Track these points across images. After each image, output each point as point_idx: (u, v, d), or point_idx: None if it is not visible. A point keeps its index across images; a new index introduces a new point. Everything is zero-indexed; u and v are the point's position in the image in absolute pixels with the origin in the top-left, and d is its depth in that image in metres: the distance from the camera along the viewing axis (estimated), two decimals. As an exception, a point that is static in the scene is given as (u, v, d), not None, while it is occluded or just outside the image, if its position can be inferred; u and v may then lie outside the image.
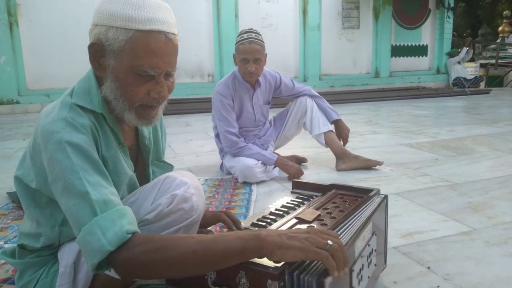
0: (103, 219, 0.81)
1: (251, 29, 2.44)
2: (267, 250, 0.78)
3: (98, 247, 0.79)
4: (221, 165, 2.68)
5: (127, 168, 1.01)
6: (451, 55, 10.08)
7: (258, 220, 1.15)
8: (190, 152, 3.35)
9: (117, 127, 0.99)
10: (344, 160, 2.62)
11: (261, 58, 2.39)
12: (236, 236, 0.79)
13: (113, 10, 0.87)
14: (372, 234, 1.07)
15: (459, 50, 10.05)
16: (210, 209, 1.95)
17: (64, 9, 7.12)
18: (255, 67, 2.39)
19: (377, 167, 2.65)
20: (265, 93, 2.63)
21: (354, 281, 0.90)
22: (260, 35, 2.42)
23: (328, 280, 0.78)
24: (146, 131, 1.11)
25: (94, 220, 0.80)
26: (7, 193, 2.25)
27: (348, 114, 5.66)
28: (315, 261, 0.83)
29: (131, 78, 0.89)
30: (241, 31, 2.45)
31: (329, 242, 0.79)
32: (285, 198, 1.34)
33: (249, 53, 2.36)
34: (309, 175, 2.57)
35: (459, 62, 9.76)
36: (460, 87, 9.40)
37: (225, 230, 1.18)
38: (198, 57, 8.13)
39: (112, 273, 0.91)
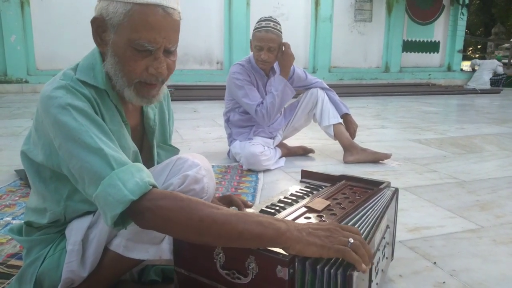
0: (122, 172, 0.81)
1: (271, 17, 2.42)
2: (284, 244, 0.77)
3: (121, 198, 0.78)
4: (229, 152, 2.68)
5: (131, 145, 1.01)
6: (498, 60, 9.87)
7: (267, 207, 1.14)
8: (197, 138, 3.35)
9: (120, 105, 0.99)
10: (352, 153, 2.60)
11: (276, 47, 2.37)
12: (257, 220, 0.78)
13: None
14: (387, 227, 1.06)
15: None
16: (216, 195, 1.95)
17: (76, -11, 7.10)
18: (268, 55, 2.38)
19: (385, 161, 2.63)
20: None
21: (373, 275, 0.90)
22: (279, 24, 2.40)
23: (356, 274, 0.76)
24: (151, 112, 1.10)
25: (114, 173, 0.80)
26: (15, 170, 2.27)
27: (356, 107, 5.62)
28: None
29: (129, 53, 0.88)
30: (260, 18, 2.43)
31: (351, 240, 0.78)
32: (294, 186, 1.34)
33: (264, 41, 2.35)
34: (316, 167, 2.56)
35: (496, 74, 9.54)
36: (497, 85, 9.30)
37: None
38: (207, 44, 8.09)
39: (120, 249, 0.91)
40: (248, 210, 1.12)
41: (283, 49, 2.40)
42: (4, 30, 6.75)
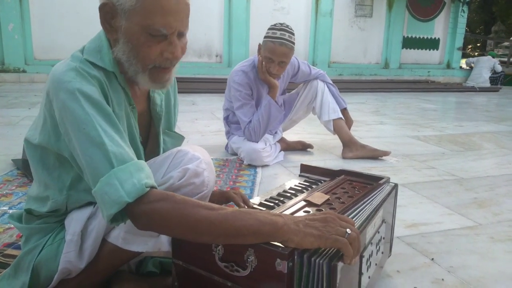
0: (121, 171, 0.80)
1: (287, 26, 2.27)
2: (282, 237, 0.77)
3: (116, 198, 0.78)
4: (226, 146, 2.67)
5: (135, 130, 1.00)
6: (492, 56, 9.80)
7: (266, 200, 1.14)
8: (195, 131, 3.34)
9: (128, 88, 0.97)
10: (351, 149, 2.60)
11: (287, 61, 2.28)
12: (254, 216, 0.78)
13: None
14: (382, 222, 1.06)
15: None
16: (214, 188, 1.95)
17: (75, -21, 7.03)
18: (277, 69, 2.28)
19: (384, 157, 2.63)
20: (282, 83, 2.58)
21: (363, 267, 0.90)
22: (293, 34, 2.26)
23: (340, 265, 0.77)
24: (158, 98, 1.09)
25: (112, 172, 0.80)
26: (12, 160, 2.25)
27: (355, 103, 5.62)
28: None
29: (143, 39, 0.87)
30: (275, 25, 2.28)
31: (348, 230, 0.78)
32: (293, 180, 1.33)
33: (276, 55, 2.23)
34: (315, 162, 2.56)
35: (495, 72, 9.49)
36: (495, 83, 9.28)
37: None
38: (207, 37, 8.05)
39: (119, 241, 0.91)
40: (254, 201, 1.12)
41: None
42: (1, 18, 6.70)
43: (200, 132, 3.31)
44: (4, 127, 3.25)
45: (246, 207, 1.13)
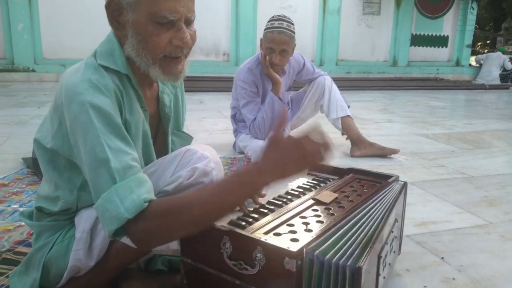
0: (122, 187, 0.81)
1: (285, 16, 2.29)
2: (263, 182, 0.83)
3: (116, 215, 0.79)
4: (234, 144, 2.67)
5: (147, 132, 1.00)
6: (503, 52, 9.66)
7: (273, 199, 1.13)
8: (203, 130, 3.35)
9: (140, 90, 0.98)
10: (360, 147, 2.59)
11: (288, 50, 2.27)
12: (237, 182, 0.84)
13: None
14: (395, 221, 1.05)
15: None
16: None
17: (83, -21, 7.08)
18: (279, 58, 2.27)
19: (392, 155, 2.61)
20: (288, 79, 2.56)
21: (380, 268, 0.89)
22: (292, 24, 2.27)
23: (364, 267, 0.76)
24: (167, 98, 1.09)
25: (113, 188, 0.80)
26: (22, 158, 2.28)
27: (363, 101, 5.59)
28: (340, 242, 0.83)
29: (151, 28, 0.87)
30: (273, 17, 2.30)
31: (322, 151, 0.84)
32: (301, 179, 1.33)
33: (276, 43, 2.23)
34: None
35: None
36: (505, 80, 9.17)
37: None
38: (214, 36, 8.05)
39: (128, 240, 0.91)
40: (261, 200, 1.12)
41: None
42: (11, 18, 6.76)
43: (207, 131, 3.32)
44: (14, 126, 3.28)
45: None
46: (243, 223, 0.93)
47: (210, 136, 3.14)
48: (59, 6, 7.04)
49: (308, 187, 1.24)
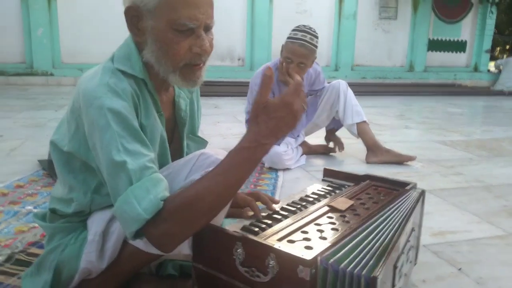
0: (138, 188, 0.81)
1: (310, 29, 2.27)
2: (265, 151, 0.85)
3: (135, 216, 0.80)
4: (248, 149, 2.66)
5: (163, 136, 1.00)
6: None
7: (287, 205, 1.12)
8: (217, 134, 3.35)
9: (157, 95, 0.98)
10: (376, 153, 2.55)
11: (307, 63, 2.26)
12: (239, 159, 0.85)
13: None
14: (412, 230, 1.02)
15: None
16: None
17: (102, -15, 7.19)
18: (296, 70, 2.25)
19: (409, 162, 2.57)
20: (305, 87, 2.55)
21: (396, 279, 0.87)
22: (316, 37, 2.26)
23: (380, 278, 0.74)
24: (183, 103, 1.09)
25: (130, 189, 0.81)
26: (38, 160, 2.30)
27: (379, 107, 5.52)
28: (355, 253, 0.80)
29: (171, 35, 0.87)
30: (298, 27, 2.28)
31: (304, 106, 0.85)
32: (316, 185, 1.31)
33: (295, 55, 2.22)
34: (338, 166, 2.52)
35: None
36: None
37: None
38: (229, 40, 8.08)
39: (140, 244, 0.90)
40: (275, 206, 1.10)
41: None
42: (31, 24, 6.91)
43: (222, 135, 3.32)
44: (32, 128, 3.33)
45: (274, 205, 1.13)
46: (256, 229, 0.91)
47: (224, 140, 3.14)
48: (77, 11, 7.17)
49: (323, 193, 1.22)
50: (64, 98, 5.35)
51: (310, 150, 2.73)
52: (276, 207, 1.10)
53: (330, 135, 2.77)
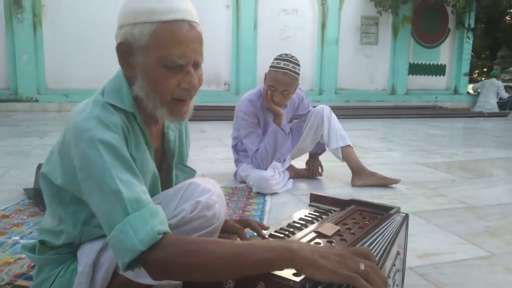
0: (135, 218, 0.81)
1: (292, 57, 2.33)
2: (298, 264, 0.77)
3: (130, 246, 0.79)
4: (235, 173, 2.68)
5: (152, 169, 1.02)
6: (495, 76, 9.74)
7: (275, 231, 1.14)
8: (204, 159, 3.36)
9: (145, 128, 1.00)
10: (361, 177, 2.59)
11: (290, 90, 2.32)
12: (268, 246, 0.78)
13: (135, 7, 0.89)
14: (397, 254, 1.05)
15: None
16: (235, 217, 1.94)
17: (86, 12, 7.28)
18: (280, 98, 2.32)
19: (393, 185, 2.62)
20: (289, 112, 2.61)
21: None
22: (298, 65, 2.32)
23: None
24: (172, 134, 1.11)
25: (127, 219, 0.81)
26: (24, 189, 2.28)
27: (363, 129, 5.63)
28: None
29: (160, 71, 0.89)
30: (280, 55, 2.35)
31: (362, 266, 0.77)
32: (303, 210, 1.33)
33: (279, 83, 2.28)
34: (324, 190, 2.55)
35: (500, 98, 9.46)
36: (504, 108, 9.25)
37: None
38: (215, 65, 8.20)
39: (131, 275, 0.91)
40: (264, 232, 1.11)
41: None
42: (16, 50, 6.91)
43: (209, 160, 3.33)
44: (16, 156, 3.30)
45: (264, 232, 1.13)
46: (246, 257, 0.92)
47: (211, 165, 3.15)
48: (63, 37, 7.21)
49: (310, 219, 1.24)
50: (49, 124, 5.32)
51: (296, 174, 2.76)
52: (265, 233, 1.12)
53: (311, 159, 2.82)
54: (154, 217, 0.82)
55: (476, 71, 21.92)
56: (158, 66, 0.89)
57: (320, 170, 2.81)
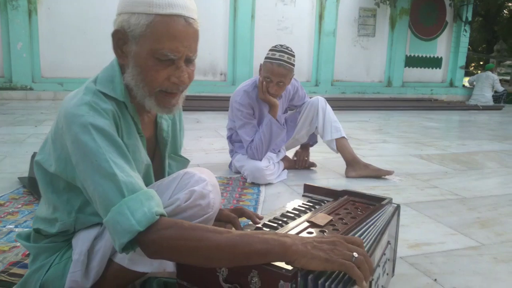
0: (132, 200, 0.83)
1: (287, 48, 2.33)
2: (290, 258, 0.78)
3: (128, 227, 0.80)
4: (230, 164, 2.69)
5: (145, 158, 1.02)
6: (491, 69, 9.73)
7: (269, 221, 1.15)
8: (199, 149, 3.37)
9: (137, 117, 1.01)
10: (355, 168, 2.61)
11: (285, 81, 2.33)
12: (262, 238, 0.80)
13: None
14: (387, 243, 1.07)
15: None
16: (230, 207, 1.96)
17: (82, 0, 7.19)
18: (276, 89, 2.33)
19: (387, 176, 2.64)
20: (284, 103, 2.61)
21: (371, 290, 0.90)
22: (293, 56, 2.32)
23: None
24: (165, 123, 1.12)
25: (123, 201, 0.82)
26: (18, 178, 2.28)
27: (358, 121, 5.65)
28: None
29: (151, 63, 0.90)
30: (275, 47, 2.34)
31: (355, 254, 0.79)
32: (296, 201, 1.34)
33: (274, 75, 2.28)
34: (318, 180, 2.57)
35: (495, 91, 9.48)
36: (499, 101, 9.29)
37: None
38: (211, 56, 8.16)
39: (125, 262, 0.92)
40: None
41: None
42: (11, 37, 6.83)
43: (204, 150, 3.34)
44: (11, 144, 3.29)
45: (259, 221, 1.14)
46: (239, 246, 0.94)
47: (206, 155, 3.16)
48: (58, 25, 7.13)
49: (303, 209, 1.26)
50: (44, 113, 5.29)
51: (291, 165, 2.78)
52: (259, 223, 1.13)
53: (301, 150, 2.83)
54: (150, 200, 0.84)
55: (472, 64, 21.97)
56: (150, 57, 0.90)
57: (307, 162, 2.81)
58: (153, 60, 0.90)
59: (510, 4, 18.04)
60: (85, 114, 0.87)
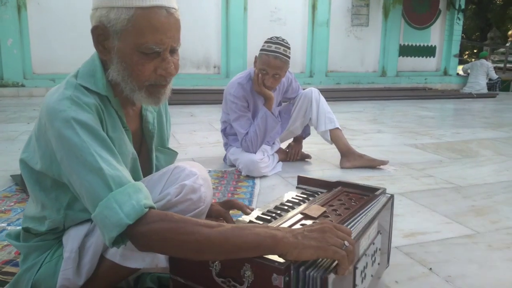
0: (119, 193, 0.81)
1: (282, 40, 2.30)
2: (281, 250, 0.78)
3: (116, 221, 0.79)
4: (225, 157, 2.68)
5: (131, 151, 1.01)
6: (485, 57, 9.71)
7: (263, 213, 1.14)
8: (194, 143, 3.35)
9: (121, 111, 0.99)
10: (349, 158, 2.61)
11: (281, 74, 2.31)
12: (254, 231, 0.79)
13: None
14: (377, 233, 1.07)
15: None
16: (213, 201, 1.95)
17: (73, -6, 7.10)
18: (271, 81, 2.31)
19: (382, 166, 2.64)
20: (278, 95, 2.60)
21: (357, 279, 0.90)
22: (289, 48, 2.30)
23: (331, 277, 0.78)
24: (151, 116, 1.11)
25: (111, 195, 0.81)
26: (11, 175, 2.26)
27: (353, 112, 5.64)
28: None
29: (136, 57, 0.89)
30: (271, 38, 2.32)
31: (346, 243, 0.79)
32: (290, 193, 1.34)
33: (270, 67, 2.26)
34: (313, 172, 2.57)
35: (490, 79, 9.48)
36: (493, 89, 9.30)
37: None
38: (204, 48, 8.10)
39: (117, 258, 0.91)
40: (252, 214, 1.12)
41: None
42: (1, 33, 6.74)
43: (198, 144, 3.32)
44: (2, 142, 3.26)
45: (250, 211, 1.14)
46: (232, 240, 0.93)
47: (201, 149, 3.15)
48: (48, 20, 7.05)
49: (297, 201, 1.25)
50: (36, 109, 5.24)
51: (286, 157, 2.77)
52: (252, 216, 1.13)
53: (294, 143, 2.82)
54: (138, 192, 0.83)
55: (466, 52, 22.00)
56: (134, 52, 0.88)
57: (299, 155, 2.80)
58: (138, 55, 0.89)
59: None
60: (66, 109, 0.86)
